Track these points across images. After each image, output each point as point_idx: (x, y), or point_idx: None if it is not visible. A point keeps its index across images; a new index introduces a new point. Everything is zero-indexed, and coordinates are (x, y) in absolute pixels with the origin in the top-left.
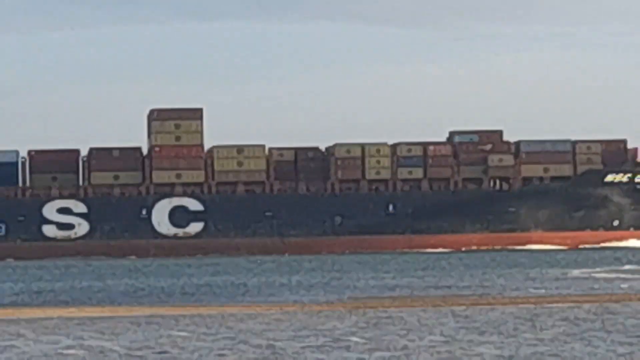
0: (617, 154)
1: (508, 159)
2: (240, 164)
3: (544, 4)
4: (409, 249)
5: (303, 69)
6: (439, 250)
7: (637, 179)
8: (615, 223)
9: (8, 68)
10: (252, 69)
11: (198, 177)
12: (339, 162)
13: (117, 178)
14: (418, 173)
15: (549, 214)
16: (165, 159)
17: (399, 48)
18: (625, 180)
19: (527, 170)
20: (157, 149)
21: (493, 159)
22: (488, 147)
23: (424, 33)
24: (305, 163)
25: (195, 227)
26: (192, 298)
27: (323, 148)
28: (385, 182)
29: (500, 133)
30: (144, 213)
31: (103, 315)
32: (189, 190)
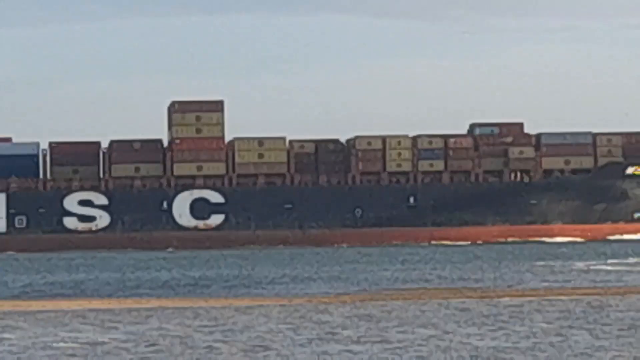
0: (637, 147)
1: (529, 152)
2: (261, 156)
3: None
4: (430, 242)
5: (324, 62)
6: (460, 243)
7: None
8: (636, 215)
9: (29, 60)
10: (272, 62)
11: (219, 169)
12: (360, 154)
13: (138, 170)
14: (439, 165)
15: (570, 207)
16: (186, 151)
17: (417, 41)
18: None
19: (547, 163)
20: (178, 141)
21: (514, 152)
22: (509, 139)
23: (439, 26)
24: (326, 155)
25: (216, 219)
26: (198, 290)
27: (343, 140)
28: (406, 174)
29: (521, 125)
30: (165, 205)
31: (110, 308)
32: (210, 183)
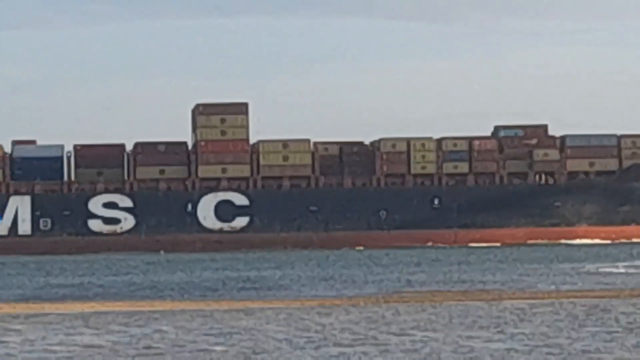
0: None
1: (553, 154)
2: (286, 159)
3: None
4: (454, 244)
5: (347, 64)
6: (484, 245)
7: None
8: None
9: (54, 63)
10: (297, 64)
11: (244, 171)
12: (385, 156)
13: (162, 172)
14: (463, 167)
15: (594, 209)
16: (211, 154)
17: (438, 43)
18: None
19: (572, 165)
20: (202, 144)
21: (538, 154)
22: (533, 141)
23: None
24: (350, 157)
25: (241, 221)
26: (215, 293)
27: (367, 142)
28: (431, 176)
29: (545, 127)
30: (190, 207)
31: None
32: (235, 185)
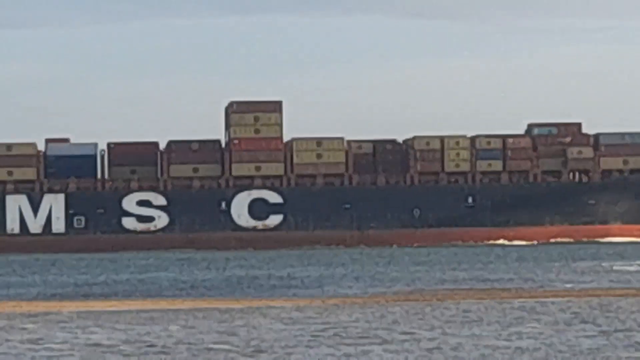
0: None
1: (587, 152)
2: (319, 157)
3: None
4: (488, 242)
5: (381, 62)
6: (518, 243)
7: None
8: None
9: (86, 60)
10: (330, 62)
11: (277, 169)
12: (418, 154)
13: (196, 171)
14: (497, 165)
15: (628, 207)
16: (245, 152)
17: (468, 41)
18: None
19: (606, 163)
20: (236, 142)
21: (572, 152)
22: (567, 139)
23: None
24: (384, 155)
25: (275, 219)
26: (237, 291)
27: (401, 140)
28: (465, 174)
29: (579, 125)
30: (224, 205)
31: (140, 308)
32: (268, 183)
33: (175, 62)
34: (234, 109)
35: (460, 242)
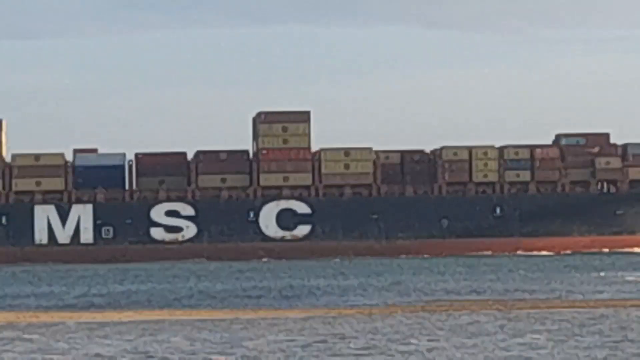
0: None
1: (615, 162)
2: (347, 167)
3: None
4: (516, 252)
5: (409, 72)
6: (546, 253)
7: None
8: None
9: (114, 71)
10: (358, 72)
11: (305, 179)
12: (446, 164)
13: (224, 181)
14: (525, 176)
15: None
16: (273, 162)
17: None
18: None
19: (634, 173)
20: (264, 152)
21: (600, 162)
22: (595, 149)
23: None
24: (412, 166)
25: (303, 229)
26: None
27: (429, 151)
28: (492, 184)
29: (607, 136)
30: (252, 216)
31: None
32: (297, 193)
33: (203, 72)
34: (262, 120)
35: (488, 252)
